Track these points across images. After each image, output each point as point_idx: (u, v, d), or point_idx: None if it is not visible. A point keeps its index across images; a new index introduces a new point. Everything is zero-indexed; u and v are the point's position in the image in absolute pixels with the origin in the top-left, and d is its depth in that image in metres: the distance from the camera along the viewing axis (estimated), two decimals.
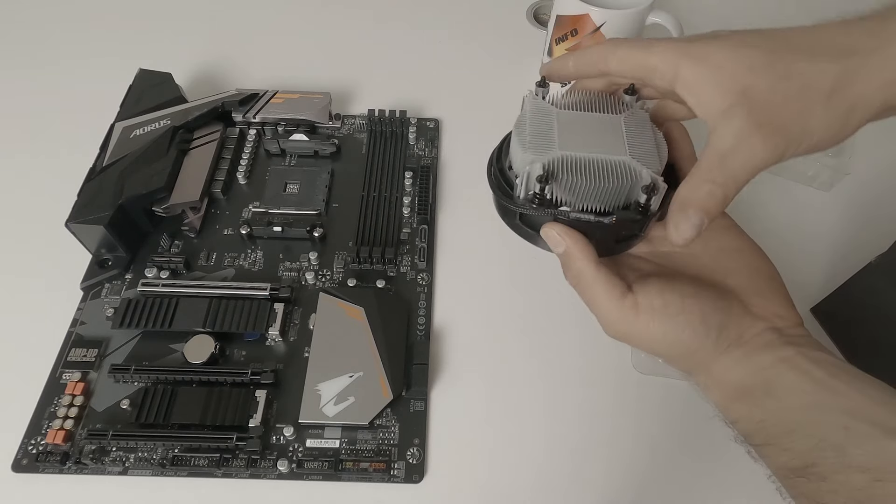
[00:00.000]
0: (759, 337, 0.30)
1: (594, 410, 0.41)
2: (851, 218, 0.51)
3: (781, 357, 0.29)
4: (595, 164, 0.28)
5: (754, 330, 0.30)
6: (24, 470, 0.37)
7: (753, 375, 0.29)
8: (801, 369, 0.28)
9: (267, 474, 0.37)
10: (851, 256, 0.44)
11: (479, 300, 0.45)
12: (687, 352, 0.30)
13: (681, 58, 0.27)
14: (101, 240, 0.44)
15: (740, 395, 0.29)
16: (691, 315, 0.29)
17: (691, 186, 0.27)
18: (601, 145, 0.29)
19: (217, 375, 0.39)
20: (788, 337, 0.30)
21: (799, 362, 0.28)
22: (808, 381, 0.28)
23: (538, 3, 0.66)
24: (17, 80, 0.57)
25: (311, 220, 0.48)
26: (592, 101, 0.32)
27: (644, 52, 0.28)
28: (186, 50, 0.60)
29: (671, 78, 0.27)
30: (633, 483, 0.39)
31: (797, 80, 0.25)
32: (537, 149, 0.29)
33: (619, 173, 0.28)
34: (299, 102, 0.53)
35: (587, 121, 0.31)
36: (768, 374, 0.29)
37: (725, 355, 0.30)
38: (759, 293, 0.31)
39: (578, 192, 0.28)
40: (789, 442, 0.27)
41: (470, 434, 0.40)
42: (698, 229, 0.27)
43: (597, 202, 0.29)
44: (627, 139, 0.30)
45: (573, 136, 0.29)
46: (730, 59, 0.26)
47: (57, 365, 0.41)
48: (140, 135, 0.47)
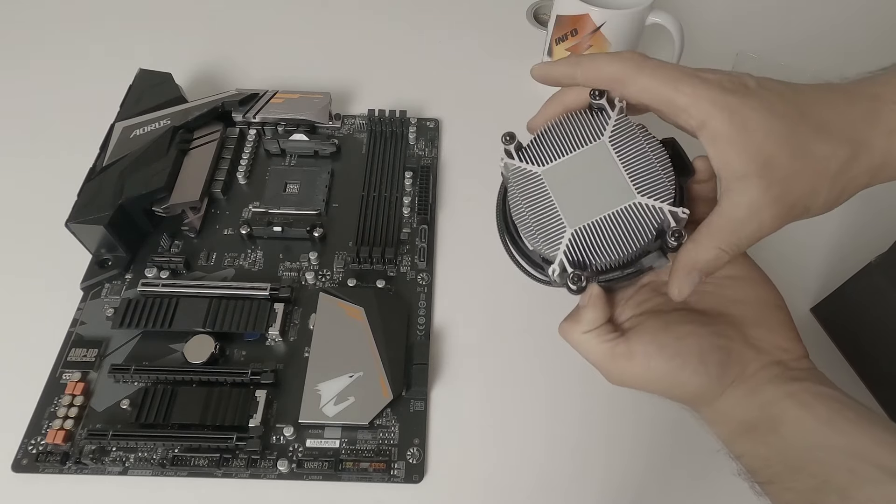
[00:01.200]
0: (764, 371, 0.29)
1: (594, 410, 0.41)
2: (851, 218, 0.51)
3: (787, 392, 0.28)
4: (612, 223, 0.28)
5: (757, 364, 0.30)
6: (24, 470, 0.37)
7: (759, 411, 0.29)
8: (806, 406, 0.28)
9: (267, 474, 0.37)
10: (851, 256, 0.44)
11: (479, 300, 0.45)
12: (688, 392, 0.30)
13: (713, 108, 0.26)
14: (101, 240, 0.44)
15: (745, 430, 0.29)
16: (688, 357, 0.29)
17: (701, 249, 0.28)
18: (604, 194, 0.28)
19: (217, 375, 0.39)
20: (793, 371, 0.29)
21: (804, 398, 0.28)
22: (813, 419, 0.27)
23: (538, 3, 0.66)
24: (17, 80, 0.57)
25: (311, 220, 0.48)
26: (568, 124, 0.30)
27: (672, 91, 0.27)
28: (186, 50, 0.60)
29: (698, 124, 0.27)
30: (633, 483, 0.39)
31: (812, 159, 0.26)
32: (548, 239, 0.28)
33: (640, 224, 0.27)
34: (299, 102, 0.53)
35: (576, 167, 0.29)
36: (774, 410, 0.28)
37: (730, 392, 0.29)
38: (764, 325, 0.31)
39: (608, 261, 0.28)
40: (793, 481, 0.27)
41: (470, 434, 0.40)
42: (695, 286, 0.28)
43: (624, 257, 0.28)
44: (625, 170, 0.28)
45: (574, 199, 0.28)
46: (760, 126, 0.26)
47: (57, 365, 0.41)
48: (140, 135, 0.47)
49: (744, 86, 0.27)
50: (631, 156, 0.28)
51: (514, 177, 0.30)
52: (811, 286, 0.46)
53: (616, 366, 0.30)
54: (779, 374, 0.29)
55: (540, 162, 0.29)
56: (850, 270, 0.42)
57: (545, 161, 0.29)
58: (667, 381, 0.29)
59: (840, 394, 0.29)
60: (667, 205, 0.27)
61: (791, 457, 0.27)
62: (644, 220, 0.27)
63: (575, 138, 0.29)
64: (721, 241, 0.27)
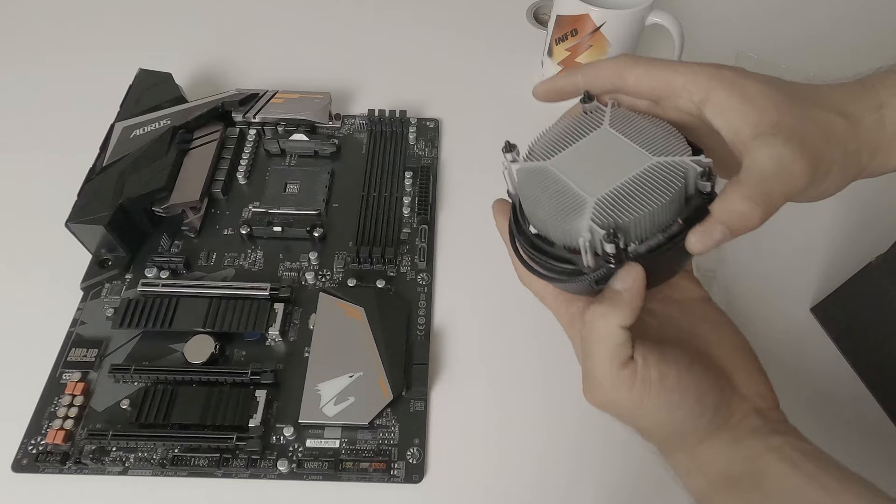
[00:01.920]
0: (746, 420, 0.28)
1: (594, 410, 0.41)
2: (851, 218, 0.51)
3: (770, 446, 0.27)
4: (635, 186, 0.25)
5: (742, 412, 0.28)
6: (24, 470, 0.37)
7: (742, 464, 0.27)
8: (790, 461, 0.26)
9: (267, 474, 0.37)
10: (851, 256, 0.44)
11: (479, 300, 0.45)
12: (675, 432, 0.28)
13: (712, 80, 0.26)
14: (101, 240, 0.44)
15: (726, 484, 0.27)
16: (687, 392, 0.27)
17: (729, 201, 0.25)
18: (620, 165, 0.26)
19: (217, 375, 0.39)
20: (773, 423, 0.28)
21: (788, 454, 0.27)
22: (798, 476, 0.26)
23: (538, 3, 0.66)
24: (17, 80, 0.57)
25: (311, 220, 0.48)
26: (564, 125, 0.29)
27: (669, 72, 0.27)
28: (186, 50, 0.60)
29: (700, 99, 0.27)
30: (631, 483, 0.39)
31: (817, 124, 0.26)
32: (574, 212, 0.25)
33: (665, 178, 0.25)
34: (299, 102, 0.53)
35: (584, 153, 0.27)
36: (757, 465, 0.27)
37: (713, 438, 0.28)
38: (742, 368, 0.29)
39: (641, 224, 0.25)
40: None
41: (470, 434, 0.40)
42: (717, 243, 0.25)
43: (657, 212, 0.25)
44: (634, 143, 0.27)
45: (589, 176, 0.26)
46: (760, 94, 0.26)
47: (57, 365, 0.41)
48: (140, 135, 0.47)
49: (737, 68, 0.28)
50: (636, 131, 0.27)
51: (523, 178, 0.28)
52: (811, 286, 0.46)
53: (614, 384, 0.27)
54: (760, 425, 0.28)
55: (545, 157, 0.28)
56: (850, 270, 0.42)
57: (550, 156, 0.28)
58: (660, 415, 0.27)
59: (820, 450, 0.27)
60: (686, 156, 0.26)
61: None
62: (668, 174, 0.25)
63: (575, 132, 0.29)
64: (750, 191, 0.25)
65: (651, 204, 0.24)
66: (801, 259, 0.48)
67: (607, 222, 0.24)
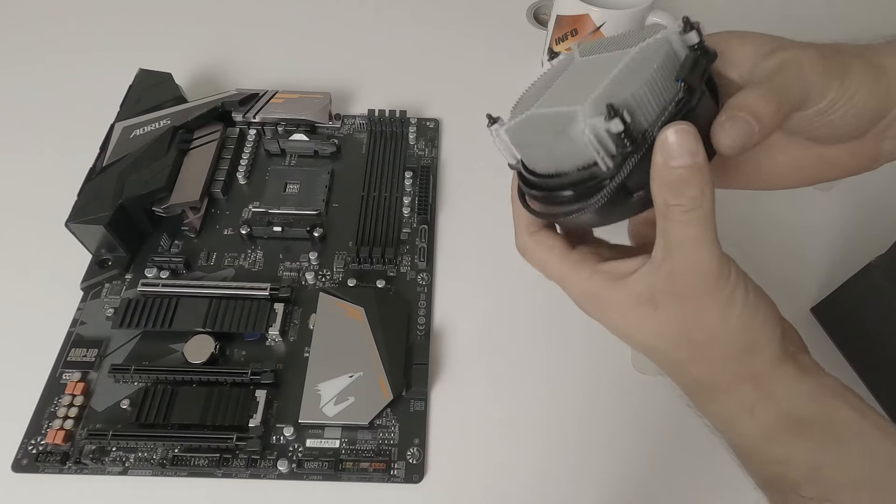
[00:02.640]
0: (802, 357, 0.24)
1: (594, 410, 0.41)
2: (851, 218, 0.51)
3: (831, 388, 0.24)
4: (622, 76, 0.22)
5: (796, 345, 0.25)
6: (24, 470, 0.37)
7: (810, 403, 0.23)
8: (854, 407, 0.23)
9: (267, 474, 0.37)
10: (851, 257, 0.44)
11: (479, 300, 0.45)
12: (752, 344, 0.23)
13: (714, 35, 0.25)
14: (101, 240, 0.44)
15: (795, 427, 0.23)
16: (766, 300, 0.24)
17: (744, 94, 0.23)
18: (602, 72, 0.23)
19: (217, 375, 0.39)
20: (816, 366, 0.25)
21: (849, 398, 0.23)
22: (867, 424, 0.23)
23: (538, 3, 0.66)
24: (17, 80, 0.57)
25: (311, 220, 0.48)
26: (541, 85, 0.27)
27: None
28: (186, 50, 0.60)
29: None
30: (632, 483, 0.39)
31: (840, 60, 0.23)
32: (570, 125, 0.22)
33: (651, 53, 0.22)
34: (299, 102, 0.53)
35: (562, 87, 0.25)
36: (824, 406, 0.23)
37: (784, 365, 0.24)
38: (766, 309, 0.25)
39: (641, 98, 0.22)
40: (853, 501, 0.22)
41: (470, 434, 0.40)
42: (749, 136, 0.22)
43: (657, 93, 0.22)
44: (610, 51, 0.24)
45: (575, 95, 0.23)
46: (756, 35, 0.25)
47: (57, 365, 0.41)
48: (140, 135, 0.47)
49: None
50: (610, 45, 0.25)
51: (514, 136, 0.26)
52: (811, 286, 0.46)
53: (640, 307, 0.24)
54: (813, 364, 0.24)
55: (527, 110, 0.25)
56: (850, 270, 0.42)
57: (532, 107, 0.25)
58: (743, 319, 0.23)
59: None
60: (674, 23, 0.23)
61: (849, 467, 0.22)
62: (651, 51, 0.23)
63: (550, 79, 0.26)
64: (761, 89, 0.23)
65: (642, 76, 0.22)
66: (801, 259, 0.48)
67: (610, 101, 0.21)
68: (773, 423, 0.24)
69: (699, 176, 0.21)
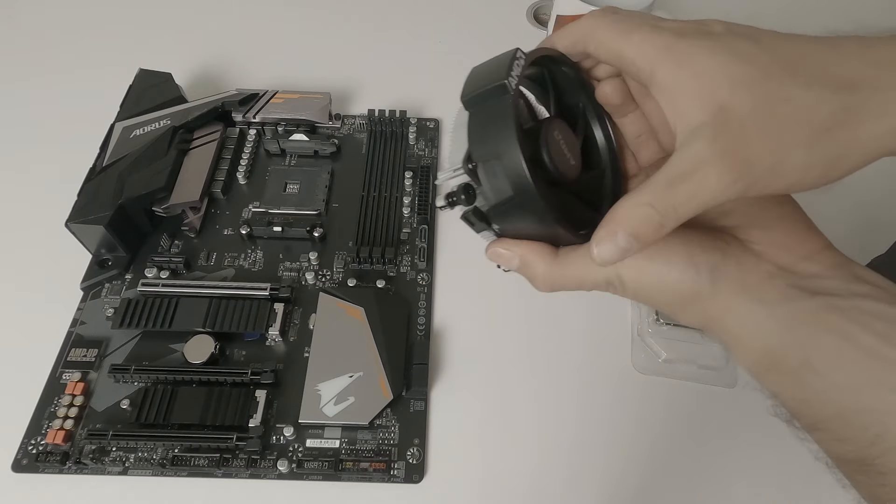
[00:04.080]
0: (769, 283, 0.23)
1: (594, 410, 0.41)
2: (851, 219, 0.51)
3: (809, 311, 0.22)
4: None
5: (758, 272, 0.23)
6: (24, 470, 0.37)
7: (781, 337, 0.23)
8: (840, 333, 0.21)
9: (267, 474, 0.37)
10: (851, 256, 0.44)
11: (480, 300, 0.45)
12: (681, 298, 0.24)
13: (659, 55, 0.22)
14: (101, 240, 0.44)
15: (771, 364, 0.23)
16: (673, 255, 0.24)
17: (629, 205, 0.22)
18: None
19: (217, 375, 0.39)
20: (808, 279, 0.23)
21: (835, 322, 0.22)
22: (853, 350, 0.21)
23: (538, 3, 0.66)
24: (17, 80, 0.57)
25: (311, 220, 0.48)
26: None
27: (622, 41, 0.23)
28: (186, 50, 0.60)
29: (647, 77, 0.23)
30: (632, 484, 0.39)
31: (784, 107, 0.21)
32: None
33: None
34: (299, 102, 0.53)
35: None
36: (800, 336, 0.22)
37: (736, 305, 0.23)
38: (762, 224, 0.24)
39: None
40: (842, 430, 0.22)
41: (470, 434, 0.40)
42: (624, 253, 0.22)
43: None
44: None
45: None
46: (715, 68, 0.21)
47: (57, 365, 0.41)
48: (140, 135, 0.47)
49: (705, 31, 0.23)
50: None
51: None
52: None
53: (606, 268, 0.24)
54: (787, 286, 0.23)
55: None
56: None
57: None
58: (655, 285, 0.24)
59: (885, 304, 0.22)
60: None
61: (835, 399, 0.22)
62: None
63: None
64: (653, 196, 0.21)
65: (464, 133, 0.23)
66: None
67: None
68: (752, 363, 0.24)
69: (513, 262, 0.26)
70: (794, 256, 0.24)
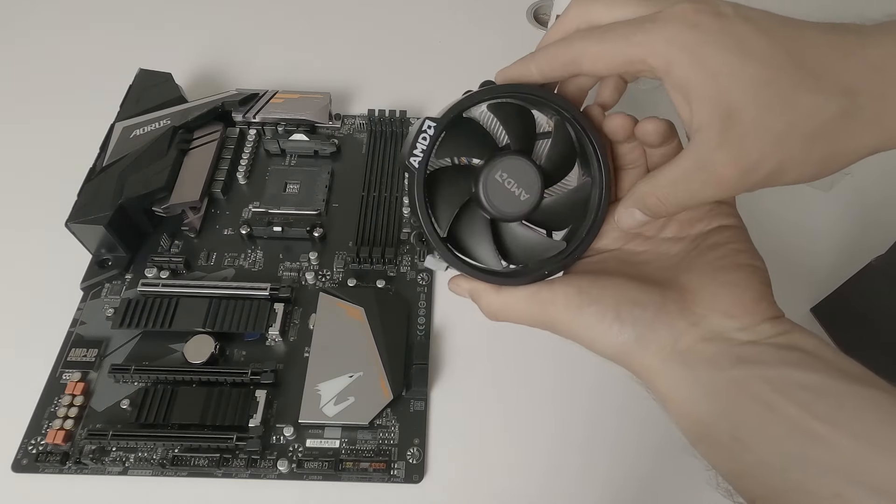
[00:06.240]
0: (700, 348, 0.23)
1: (595, 410, 0.41)
2: (851, 218, 0.51)
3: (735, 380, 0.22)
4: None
5: (690, 336, 0.23)
6: (24, 470, 0.37)
7: (709, 405, 0.22)
8: (765, 403, 0.21)
9: (267, 474, 0.37)
10: (851, 257, 0.44)
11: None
12: (610, 350, 0.25)
13: (671, 49, 0.22)
14: (101, 240, 0.44)
15: (703, 433, 0.23)
16: (602, 306, 0.24)
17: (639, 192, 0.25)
18: None
19: (217, 375, 0.39)
20: (741, 347, 0.23)
21: (760, 392, 0.21)
22: (777, 423, 0.21)
23: (538, 3, 0.66)
24: (17, 80, 0.57)
25: (311, 220, 0.48)
26: None
27: (625, 44, 0.23)
28: (186, 50, 0.60)
29: (662, 73, 0.23)
30: (634, 484, 0.39)
31: (789, 114, 0.21)
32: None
33: None
34: (299, 102, 0.52)
35: None
36: (726, 406, 0.22)
37: (663, 367, 0.24)
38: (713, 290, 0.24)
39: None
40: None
41: (470, 434, 0.40)
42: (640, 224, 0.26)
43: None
44: None
45: None
46: (729, 67, 0.21)
47: (57, 365, 0.41)
48: (140, 135, 0.47)
49: (716, 15, 0.22)
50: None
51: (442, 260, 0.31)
52: (811, 286, 0.46)
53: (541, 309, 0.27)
54: (717, 353, 0.23)
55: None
56: (849, 271, 0.42)
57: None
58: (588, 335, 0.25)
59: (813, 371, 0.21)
60: None
61: (768, 476, 0.21)
62: None
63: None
64: (659, 189, 0.24)
65: None
66: (801, 259, 0.48)
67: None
68: (685, 429, 0.24)
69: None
70: (734, 324, 0.23)
